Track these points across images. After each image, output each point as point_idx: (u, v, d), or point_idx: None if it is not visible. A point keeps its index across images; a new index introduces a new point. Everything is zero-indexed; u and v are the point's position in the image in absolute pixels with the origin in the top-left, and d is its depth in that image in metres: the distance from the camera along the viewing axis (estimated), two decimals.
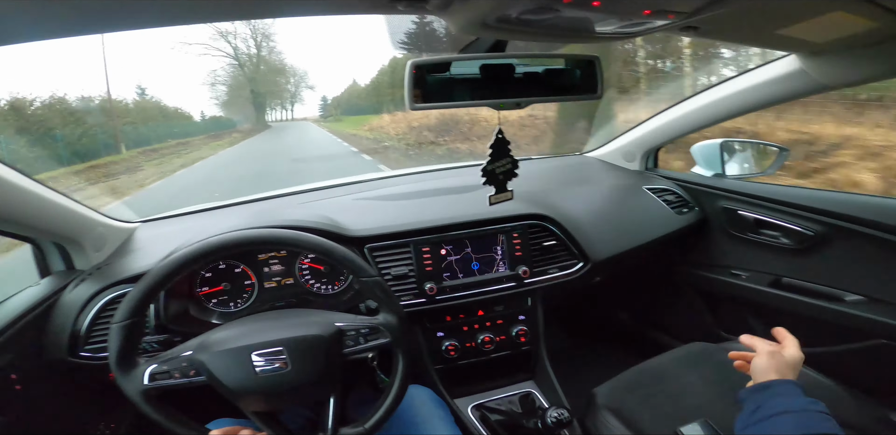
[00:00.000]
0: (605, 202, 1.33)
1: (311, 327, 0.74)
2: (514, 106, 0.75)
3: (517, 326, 1.19)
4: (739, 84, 1.15)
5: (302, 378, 0.70)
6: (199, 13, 0.56)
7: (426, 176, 1.55)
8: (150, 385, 0.69)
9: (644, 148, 1.52)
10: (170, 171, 11.08)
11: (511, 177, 0.85)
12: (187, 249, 0.73)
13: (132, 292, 0.72)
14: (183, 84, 48.29)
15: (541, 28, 0.62)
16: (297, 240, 0.78)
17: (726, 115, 1.24)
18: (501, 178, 0.83)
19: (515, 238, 1.13)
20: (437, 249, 1.08)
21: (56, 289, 0.94)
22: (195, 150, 16.09)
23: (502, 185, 0.84)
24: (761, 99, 1.14)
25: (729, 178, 1.41)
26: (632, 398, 0.94)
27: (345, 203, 1.27)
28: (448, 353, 1.14)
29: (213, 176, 9.42)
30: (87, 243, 1.03)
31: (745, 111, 1.22)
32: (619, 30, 0.68)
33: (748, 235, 1.31)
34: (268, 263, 1.04)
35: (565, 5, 0.51)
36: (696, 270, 1.46)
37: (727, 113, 1.23)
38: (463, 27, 0.60)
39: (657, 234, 1.29)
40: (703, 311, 1.49)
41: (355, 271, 0.79)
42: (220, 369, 0.68)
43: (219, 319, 0.99)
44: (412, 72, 0.68)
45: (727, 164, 1.42)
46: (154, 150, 14.98)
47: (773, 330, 0.77)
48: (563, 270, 1.17)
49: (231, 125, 28.88)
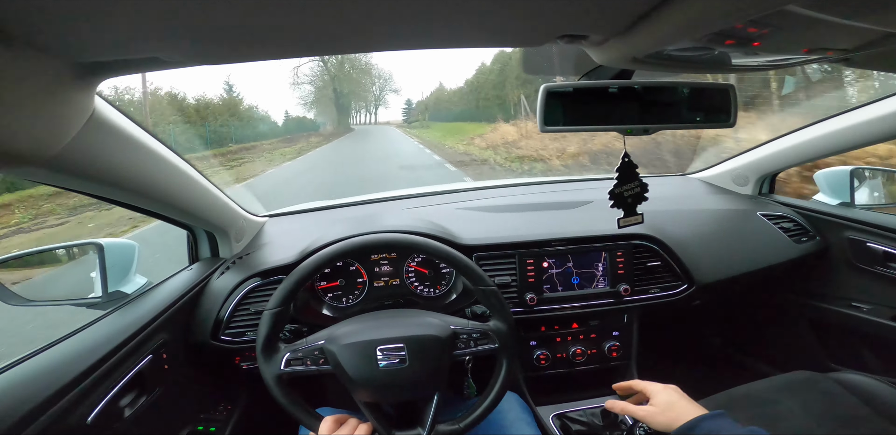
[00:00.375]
0: (715, 226, 1.29)
1: (430, 328, 0.80)
2: (642, 132, 0.77)
3: (610, 341, 1.20)
4: (880, 110, 1.07)
5: (416, 375, 0.76)
6: (366, 44, 0.58)
7: (522, 189, 1.59)
8: (285, 370, 0.76)
9: (760, 172, 1.44)
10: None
11: (640, 200, 0.86)
12: (333, 247, 0.83)
13: (285, 283, 0.81)
14: (270, 83, 49.56)
15: (685, 62, 0.64)
16: (426, 246, 0.85)
17: (862, 142, 1.16)
18: (630, 202, 0.85)
19: (619, 256, 1.14)
20: (540, 261, 1.12)
21: (205, 275, 1.07)
22: (249, 161, 13.33)
23: (631, 208, 0.86)
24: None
25: (858, 207, 1.31)
26: None
27: (448, 212, 1.34)
28: (539, 361, 1.17)
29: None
30: (232, 234, 1.16)
31: (884, 138, 1.13)
32: (762, 63, 0.68)
33: (876, 268, 1.22)
34: (379, 263, 1.13)
35: (725, 46, 0.53)
36: (810, 300, 1.38)
37: (863, 140, 1.15)
38: (610, 60, 0.64)
39: (770, 261, 1.24)
40: (810, 340, 1.41)
41: (475, 280, 0.85)
42: (346, 360, 0.75)
43: (330, 311, 1.08)
44: (544, 96, 0.73)
45: (857, 193, 1.33)
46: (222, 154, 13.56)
47: (628, 383, 0.78)
48: (664, 291, 1.16)
49: (314, 127, 28.52)
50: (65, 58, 0.47)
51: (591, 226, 1.18)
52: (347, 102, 31.96)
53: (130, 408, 0.78)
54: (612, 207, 0.86)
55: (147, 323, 0.86)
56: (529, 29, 0.53)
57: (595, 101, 0.76)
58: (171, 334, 0.93)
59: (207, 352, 1.01)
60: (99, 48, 0.46)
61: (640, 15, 0.49)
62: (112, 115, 0.64)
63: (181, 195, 0.91)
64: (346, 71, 32.33)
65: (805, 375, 1.00)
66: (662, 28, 0.50)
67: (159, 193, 0.83)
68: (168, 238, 1.28)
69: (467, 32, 0.53)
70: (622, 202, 0.85)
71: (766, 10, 0.41)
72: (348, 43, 0.54)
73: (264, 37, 0.48)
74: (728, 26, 0.47)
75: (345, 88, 30.47)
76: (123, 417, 0.76)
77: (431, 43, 0.56)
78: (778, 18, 0.44)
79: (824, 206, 1.35)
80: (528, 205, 1.36)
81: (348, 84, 30.35)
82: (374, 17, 0.45)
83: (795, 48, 0.56)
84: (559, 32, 0.54)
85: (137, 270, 1.01)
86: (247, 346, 1.00)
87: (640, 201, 0.87)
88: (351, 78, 33.01)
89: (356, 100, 34.34)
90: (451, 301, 1.10)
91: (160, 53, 0.49)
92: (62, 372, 0.68)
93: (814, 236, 1.32)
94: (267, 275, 1.05)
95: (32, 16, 0.38)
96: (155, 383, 0.86)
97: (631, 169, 0.84)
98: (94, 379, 0.72)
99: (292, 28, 0.46)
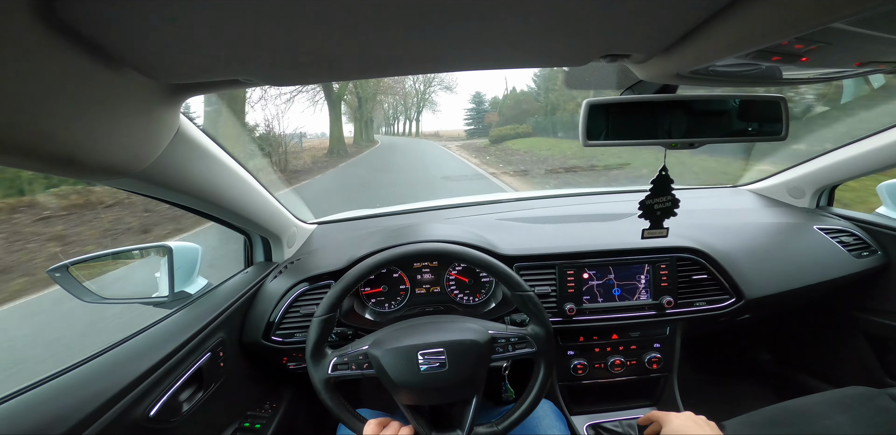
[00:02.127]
0: (766, 240, 1.25)
1: (468, 333, 0.81)
2: (688, 146, 0.77)
3: (651, 353, 1.18)
4: None
5: (456, 378, 0.78)
6: (421, 66, 0.61)
7: (563, 201, 1.59)
8: (332, 374, 0.80)
9: (817, 185, 1.39)
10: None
11: (669, 215, 0.86)
12: (376, 257, 0.86)
13: (333, 290, 0.84)
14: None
15: (730, 76, 0.64)
16: (465, 254, 0.87)
17: None
18: (659, 215, 0.85)
19: (663, 269, 1.12)
20: (581, 272, 1.12)
21: (259, 278, 1.13)
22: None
23: (659, 221, 0.85)
24: None
25: None
26: (765, 434, 0.87)
27: (489, 222, 1.35)
28: (576, 371, 1.17)
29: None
30: (285, 240, 1.22)
31: None
32: (814, 75, 0.66)
33: None
34: (420, 271, 1.16)
35: (771, 61, 0.53)
36: (869, 315, 1.32)
37: None
38: (653, 77, 0.64)
39: (828, 277, 1.19)
40: (866, 356, 1.35)
41: (512, 286, 0.86)
42: (389, 364, 0.77)
43: (373, 316, 1.12)
44: (587, 110, 0.74)
45: None
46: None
47: (647, 415, 0.81)
48: (710, 304, 1.13)
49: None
50: (159, 79, 0.53)
51: (631, 238, 1.17)
52: (369, 109, 21.71)
53: (188, 403, 0.83)
54: (639, 217, 0.86)
55: (208, 322, 0.92)
56: (573, 49, 0.55)
57: (639, 115, 0.76)
58: (228, 334, 0.99)
59: (258, 351, 1.06)
60: (189, 71, 0.52)
61: (682, 34, 0.50)
62: (193, 131, 0.71)
63: (245, 204, 0.97)
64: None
65: (859, 390, 0.95)
66: (705, 46, 0.51)
67: (228, 202, 0.90)
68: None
69: (514, 54, 0.56)
70: (651, 214, 0.85)
71: (812, 29, 0.41)
72: (405, 65, 0.58)
73: (333, 61, 0.53)
74: (773, 43, 0.47)
75: (364, 91, 21.07)
76: (181, 412, 0.81)
77: (479, 65, 0.59)
78: (824, 35, 0.44)
79: (888, 220, 1.29)
80: (568, 216, 1.36)
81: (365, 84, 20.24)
82: (430, 43, 0.49)
83: (846, 62, 0.55)
84: (603, 52, 0.56)
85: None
86: (295, 347, 1.05)
87: (668, 216, 0.86)
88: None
89: (382, 100, 24.28)
90: (489, 309, 1.12)
91: (240, 76, 0.54)
92: (132, 367, 0.74)
93: (875, 251, 1.26)
94: (316, 280, 1.10)
95: (135, 41, 0.43)
96: (211, 380, 0.91)
97: (666, 183, 0.84)
98: (160, 374, 0.77)
99: (357, 54, 0.51)
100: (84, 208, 4.93)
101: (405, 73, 0.62)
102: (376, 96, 22.82)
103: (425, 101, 27.45)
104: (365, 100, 21.13)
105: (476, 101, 26.50)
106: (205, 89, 0.61)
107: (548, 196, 1.64)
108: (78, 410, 0.63)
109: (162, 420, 0.76)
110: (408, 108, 27.68)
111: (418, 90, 26.73)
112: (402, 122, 28.11)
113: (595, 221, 1.31)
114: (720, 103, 0.76)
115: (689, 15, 0.46)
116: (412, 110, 28.18)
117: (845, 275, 1.20)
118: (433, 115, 30.66)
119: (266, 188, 1.08)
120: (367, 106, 21.40)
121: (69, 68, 0.43)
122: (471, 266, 1.04)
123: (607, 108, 0.75)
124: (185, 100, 0.63)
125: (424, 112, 28.78)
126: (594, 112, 0.74)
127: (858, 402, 0.91)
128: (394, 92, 25.17)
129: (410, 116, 28.29)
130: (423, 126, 28.27)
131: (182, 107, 0.64)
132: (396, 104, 27.30)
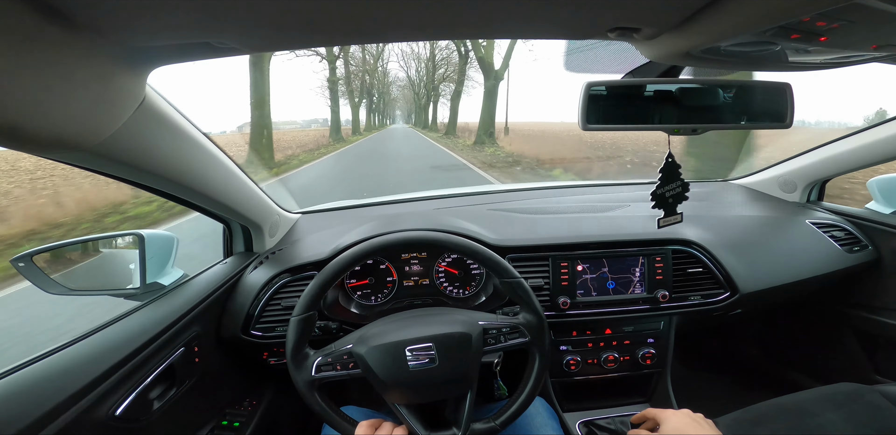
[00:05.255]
0: (760, 233, 1.24)
1: (458, 325, 0.78)
2: (690, 132, 0.74)
3: (645, 348, 1.17)
4: None
5: (447, 374, 0.74)
6: (417, 33, 0.56)
7: (555, 192, 1.57)
8: (316, 376, 0.75)
9: (809, 179, 1.39)
10: None
11: (681, 199, 0.84)
12: (357, 248, 0.81)
13: (311, 286, 0.79)
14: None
15: (740, 58, 0.61)
16: (448, 241, 0.83)
17: None
18: (671, 202, 0.83)
19: (658, 262, 1.10)
20: (575, 265, 1.09)
21: (238, 269, 1.08)
22: None
23: (672, 208, 0.83)
24: None
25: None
26: (758, 431, 0.86)
27: (481, 212, 1.32)
28: (569, 367, 1.15)
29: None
30: (266, 229, 1.17)
31: None
32: (822, 61, 0.64)
33: None
34: (409, 262, 1.12)
35: (789, 40, 0.50)
36: (859, 311, 1.32)
37: None
38: (660, 56, 0.61)
39: (819, 271, 1.18)
40: (855, 352, 1.36)
41: (500, 273, 0.83)
42: (376, 362, 0.73)
43: (359, 309, 1.08)
44: (586, 93, 0.71)
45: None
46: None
47: (643, 413, 0.80)
48: (705, 298, 1.12)
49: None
50: (119, 41, 0.48)
51: (626, 230, 1.15)
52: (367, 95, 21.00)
53: (159, 400, 0.79)
54: (653, 208, 0.83)
55: (182, 315, 0.87)
56: (580, 20, 0.51)
57: (640, 100, 0.73)
58: (204, 327, 0.94)
59: (237, 346, 1.02)
60: (151, 31, 0.46)
61: (700, 6, 0.46)
62: (161, 105, 0.65)
63: (220, 188, 0.91)
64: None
65: (850, 386, 0.95)
66: (723, 20, 0.47)
67: (199, 185, 0.83)
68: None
69: (517, 23, 0.51)
70: (663, 202, 0.83)
71: (838, 3, 0.38)
72: (398, 31, 0.52)
73: (317, 23, 0.47)
74: (795, 19, 0.44)
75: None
76: (152, 410, 0.76)
77: (480, 33, 0.54)
78: (849, 12, 0.41)
79: (877, 215, 1.29)
80: (561, 208, 1.33)
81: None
82: (427, 6, 0.44)
83: (864, 44, 0.53)
84: (611, 24, 0.52)
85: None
86: (275, 341, 1.01)
87: (680, 200, 0.84)
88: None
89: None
90: (480, 302, 1.09)
91: (212, 39, 0.49)
92: (98, 362, 0.69)
93: (866, 246, 1.27)
94: (299, 271, 1.05)
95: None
96: (185, 376, 0.86)
97: (674, 169, 0.82)
98: (128, 370, 0.72)
99: (344, 15, 0.45)
100: None
101: (397, 40, 0.57)
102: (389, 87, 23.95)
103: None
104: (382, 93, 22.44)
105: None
106: (175, 57, 0.55)
107: (540, 187, 1.61)
108: (36, 408, 0.58)
109: (130, 419, 0.71)
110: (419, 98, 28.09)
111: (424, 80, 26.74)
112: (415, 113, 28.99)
113: (589, 213, 1.29)
114: (725, 89, 0.73)
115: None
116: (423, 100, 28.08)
117: (837, 269, 1.20)
118: (467, 98, 28.83)
119: (246, 173, 1.02)
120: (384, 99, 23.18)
121: (10, 24, 0.37)
122: (457, 254, 1.00)
123: (608, 90, 0.72)
124: (153, 69, 0.57)
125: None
126: (594, 94, 0.71)
127: (850, 398, 0.91)
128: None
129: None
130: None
131: (149, 77, 0.59)
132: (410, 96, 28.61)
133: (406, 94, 50.77)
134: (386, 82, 30.98)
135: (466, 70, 18.00)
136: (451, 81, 23.15)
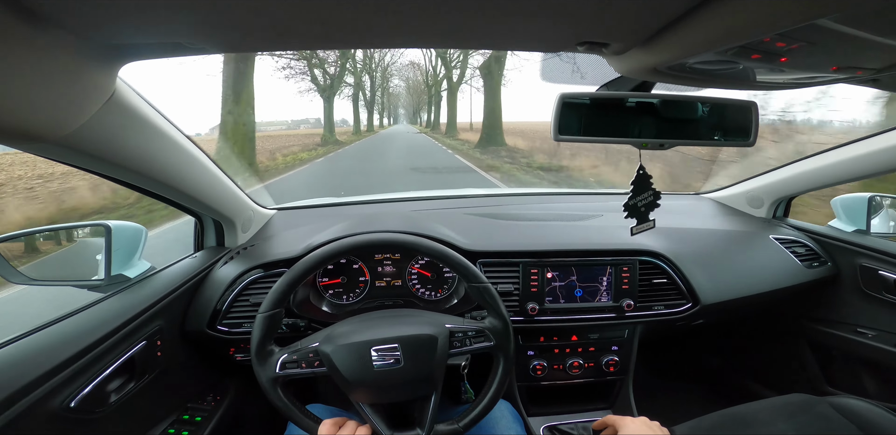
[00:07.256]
0: (725, 247, 1.28)
1: (424, 327, 0.78)
2: (658, 147, 0.76)
3: (609, 355, 1.19)
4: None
5: (412, 375, 0.74)
6: (389, 40, 0.57)
7: (532, 199, 1.58)
8: (280, 373, 0.74)
9: (776, 196, 1.43)
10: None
11: (653, 207, 0.86)
12: (327, 248, 0.81)
13: (278, 284, 0.79)
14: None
15: (706, 75, 0.63)
16: (416, 243, 0.84)
17: (886, 169, 1.13)
18: (643, 211, 0.85)
19: (625, 271, 1.12)
20: (545, 272, 1.11)
21: (208, 263, 1.07)
22: None
23: (644, 216, 0.85)
24: None
25: (873, 235, 1.30)
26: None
27: (456, 216, 1.33)
28: (535, 371, 1.16)
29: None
30: (239, 224, 1.16)
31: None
32: (787, 80, 0.66)
33: (885, 295, 1.21)
34: (382, 263, 1.12)
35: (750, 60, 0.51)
36: (814, 325, 1.37)
37: (886, 166, 1.12)
38: (629, 71, 0.63)
39: (779, 285, 1.22)
40: (809, 364, 1.40)
41: (468, 277, 0.84)
42: (341, 361, 0.73)
43: (329, 308, 1.08)
44: (560, 104, 0.72)
45: (873, 221, 1.31)
46: None
47: (603, 419, 0.82)
48: (668, 308, 1.14)
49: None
50: (89, 38, 0.47)
51: (597, 239, 1.17)
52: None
53: (117, 393, 0.78)
54: (626, 218, 0.85)
55: (144, 309, 0.86)
56: (550, 33, 0.53)
57: (612, 113, 0.74)
58: (168, 321, 0.93)
59: (202, 341, 1.00)
60: (122, 30, 0.46)
61: (664, 24, 0.48)
62: (132, 99, 0.65)
63: (191, 182, 0.90)
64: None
65: (801, 397, 0.99)
66: (686, 39, 0.49)
67: (169, 178, 0.83)
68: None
69: (488, 34, 0.52)
70: (636, 212, 0.85)
71: (797, 24, 0.40)
72: (367, 38, 0.53)
73: (289, 27, 0.48)
74: (756, 39, 0.45)
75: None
76: (108, 402, 0.76)
77: (450, 43, 0.55)
78: (808, 33, 0.43)
79: (838, 232, 1.33)
80: (536, 215, 1.35)
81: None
82: (395, 15, 0.44)
83: (824, 66, 0.55)
84: (580, 39, 0.54)
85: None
86: (242, 337, 1.00)
87: (653, 208, 0.87)
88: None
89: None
90: (451, 305, 1.09)
91: (183, 39, 0.49)
92: (53, 354, 0.68)
93: (825, 262, 1.31)
94: (270, 267, 1.05)
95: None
96: (146, 370, 0.85)
97: (645, 180, 0.84)
98: (86, 362, 0.71)
99: (317, 20, 0.46)
100: None
101: (366, 47, 0.58)
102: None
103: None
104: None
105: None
106: (146, 54, 0.55)
107: (517, 194, 1.63)
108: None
109: (85, 410, 0.70)
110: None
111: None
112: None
113: (562, 221, 1.31)
114: (692, 106, 0.75)
115: (672, 4, 0.44)
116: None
117: (796, 284, 1.24)
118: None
119: (220, 168, 1.01)
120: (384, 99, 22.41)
121: None
122: (428, 257, 1.01)
123: (581, 103, 0.73)
124: (124, 65, 0.56)
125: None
126: (567, 106, 0.72)
127: (801, 409, 0.94)
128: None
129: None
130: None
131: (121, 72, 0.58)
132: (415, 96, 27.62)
133: (413, 85, 44.47)
134: (386, 75, 29.56)
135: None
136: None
